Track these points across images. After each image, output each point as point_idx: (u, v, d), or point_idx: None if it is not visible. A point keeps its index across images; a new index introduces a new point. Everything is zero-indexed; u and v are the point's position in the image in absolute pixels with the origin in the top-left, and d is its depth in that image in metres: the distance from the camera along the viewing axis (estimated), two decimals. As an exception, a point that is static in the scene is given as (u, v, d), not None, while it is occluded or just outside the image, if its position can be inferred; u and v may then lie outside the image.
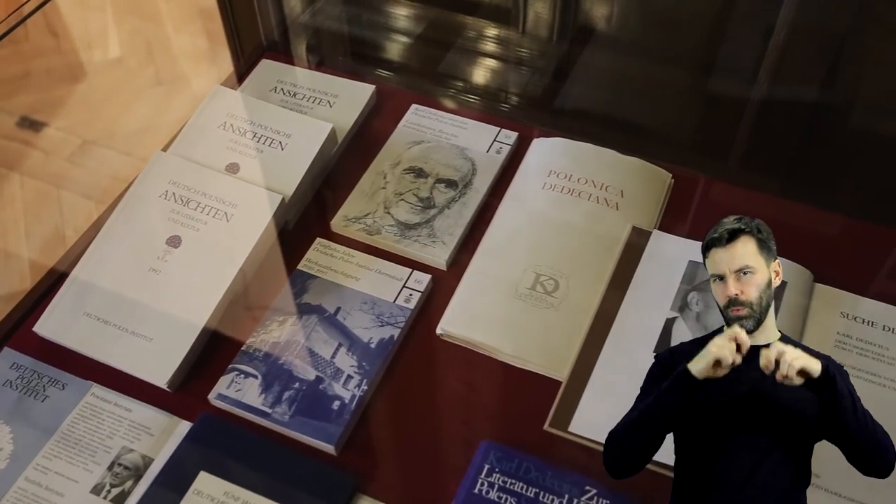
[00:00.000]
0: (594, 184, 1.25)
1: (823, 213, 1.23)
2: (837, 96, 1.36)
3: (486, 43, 1.50)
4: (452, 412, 1.05)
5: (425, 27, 1.51)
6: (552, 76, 1.43)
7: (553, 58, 1.44)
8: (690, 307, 1.10)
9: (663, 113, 1.40)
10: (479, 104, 1.39)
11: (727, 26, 1.43)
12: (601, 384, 1.04)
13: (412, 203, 1.25)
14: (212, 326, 1.10)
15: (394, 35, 1.52)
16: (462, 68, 1.48)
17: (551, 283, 1.14)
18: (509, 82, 1.45)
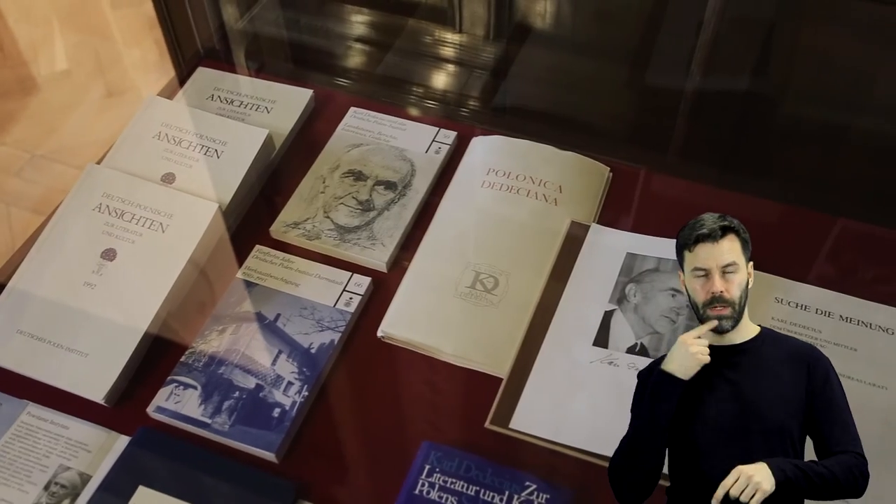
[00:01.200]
0: (533, 180, 1.26)
1: (759, 201, 1.25)
2: (769, 85, 1.38)
3: (424, 43, 1.50)
4: (394, 414, 1.05)
5: (363, 30, 1.51)
6: (490, 74, 1.43)
7: (490, 56, 1.45)
8: (628, 299, 1.11)
9: (601, 107, 1.41)
10: (418, 105, 1.39)
11: (661, 19, 1.45)
12: (541, 379, 1.04)
13: (351, 206, 1.24)
14: (149, 339, 1.09)
15: (332, 39, 1.52)
16: (400, 70, 1.48)
17: (491, 281, 1.15)
18: (448, 82, 1.45)
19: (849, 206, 1.24)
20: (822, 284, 1.13)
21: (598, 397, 1.02)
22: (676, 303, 1.09)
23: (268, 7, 1.54)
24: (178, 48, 1.58)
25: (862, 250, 1.18)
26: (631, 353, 1.05)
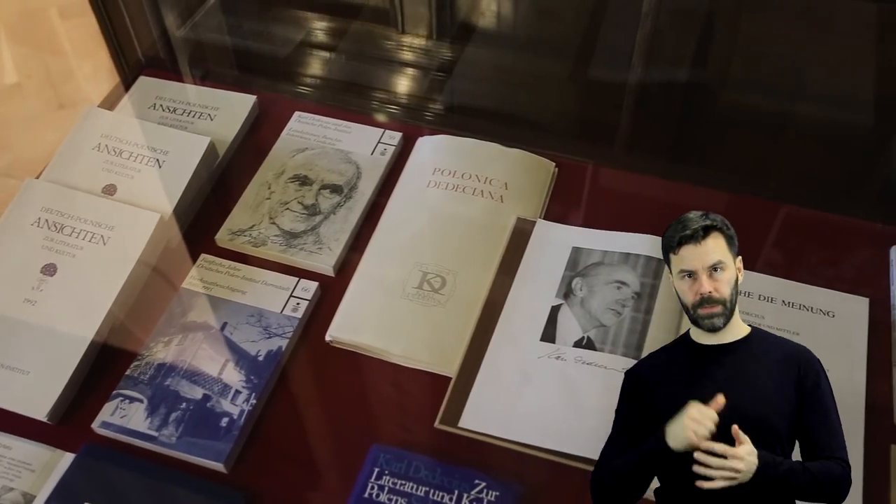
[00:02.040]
0: (479, 178, 1.26)
1: (703, 191, 1.26)
2: (710, 75, 1.40)
3: (367, 45, 1.49)
4: (344, 418, 1.04)
5: (306, 33, 1.50)
6: (434, 74, 1.43)
7: (434, 55, 1.45)
8: (575, 293, 1.11)
9: (546, 103, 1.41)
10: (363, 107, 1.38)
11: (602, 14, 1.46)
12: (489, 377, 1.04)
13: (297, 211, 1.23)
14: (93, 354, 1.08)
15: (276, 43, 1.51)
16: (344, 72, 1.47)
17: (438, 281, 1.14)
18: (392, 83, 1.45)
19: (791, 192, 1.26)
20: (765, 271, 1.15)
21: (547, 392, 1.02)
22: (622, 295, 1.09)
23: (210, 13, 1.52)
24: (122, 57, 1.56)
25: (804, 236, 1.19)
26: (578, 346, 1.05)
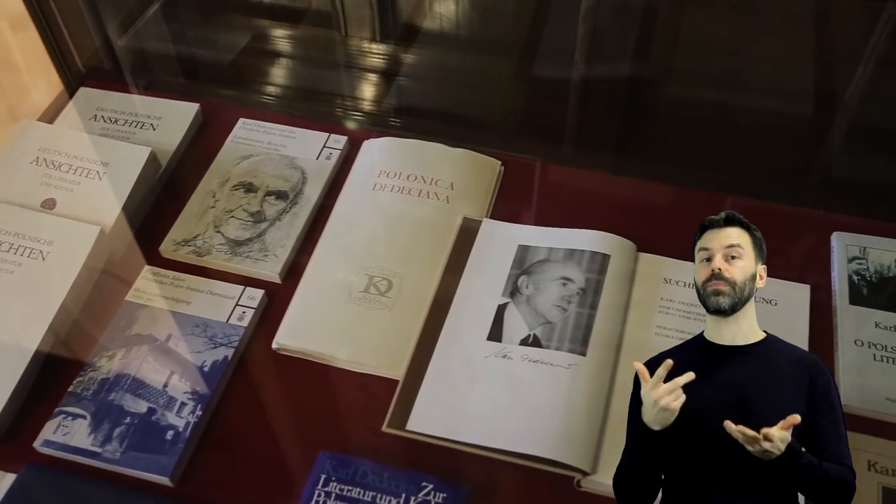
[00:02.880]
0: (424, 179, 1.25)
1: (648, 184, 1.27)
2: (653, 69, 1.40)
3: (311, 49, 1.48)
4: (292, 426, 1.03)
5: (250, 39, 1.49)
6: (379, 76, 1.43)
7: (379, 57, 1.44)
8: (521, 291, 1.11)
9: (492, 102, 1.41)
10: (308, 112, 1.37)
11: (545, 11, 1.46)
12: (437, 378, 1.04)
13: (242, 219, 1.22)
14: (34, 371, 1.06)
15: (219, 50, 1.49)
16: (289, 77, 1.46)
17: (385, 284, 1.14)
18: (337, 86, 1.44)
19: (736, 183, 1.27)
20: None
21: (494, 392, 1.02)
22: (567, 291, 1.10)
23: (151, 21, 1.50)
24: (65, 69, 1.54)
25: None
26: (524, 344, 1.06)
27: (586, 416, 0.98)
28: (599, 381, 1.02)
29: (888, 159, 1.30)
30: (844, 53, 1.35)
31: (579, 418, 0.98)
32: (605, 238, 1.15)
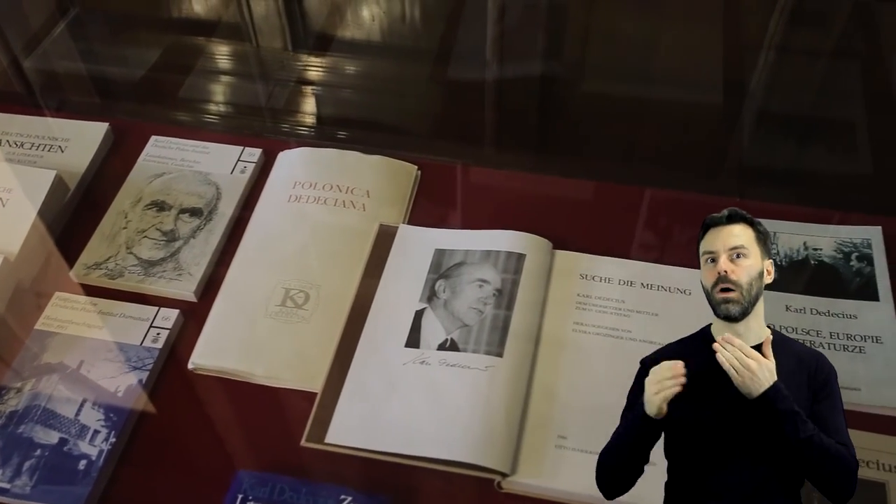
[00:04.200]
0: (340, 188, 1.24)
1: (566, 181, 1.27)
2: (566, 66, 1.41)
3: (223, 62, 1.46)
4: (210, 446, 1.01)
5: (160, 55, 1.46)
6: (294, 85, 1.41)
7: (291, 67, 1.43)
8: (438, 295, 1.11)
9: (408, 106, 1.41)
10: (222, 125, 1.35)
11: (458, 13, 1.46)
12: (355, 389, 1.03)
13: (155, 238, 1.20)
14: (-61, 408, 1.03)
15: (128, 67, 1.46)
16: (201, 91, 1.44)
17: (301, 296, 1.13)
18: (251, 98, 1.42)
19: (652, 175, 1.28)
20: (627, 255, 1.16)
21: (412, 399, 1.01)
22: (483, 293, 1.10)
23: (58, 41, 1.47)
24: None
25: (667, 218, 1.22)
26: (442, 349, 1.05)
27: (504, 417, 0.98)
28: (517, 381, 1.02)
29: (796, 144, 1.32)
30: (748, 42, 1.37)
31: (497, 420, 0.98)
32: (521, 237, 1.15)
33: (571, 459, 0.96)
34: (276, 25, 1.39)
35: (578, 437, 0.98)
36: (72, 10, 1.50)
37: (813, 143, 1.32)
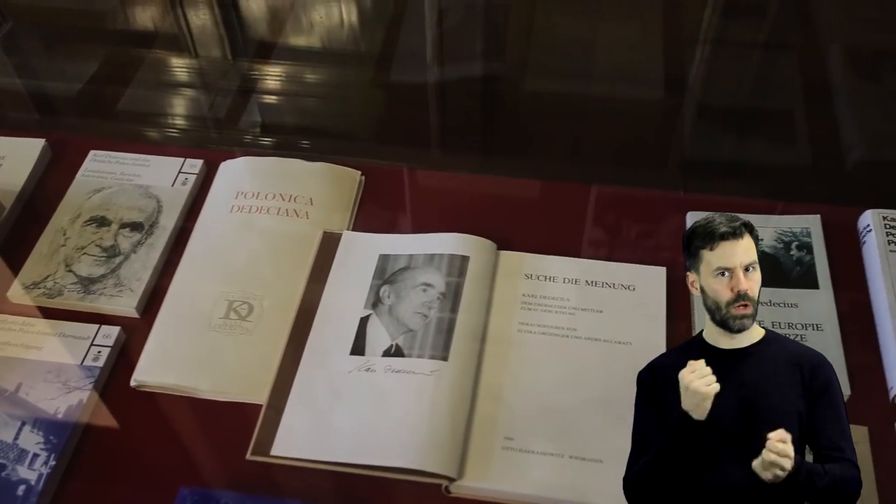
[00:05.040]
0: (283, 197, 1.23)
1: (512, 181, 1.27)
2: (509, 66, 1.41)
3: (162, 73, 1.44)
4: (154, 464, 1.00)
5: (98, 68, 1.44)
6: (234, 95, 1.40)
7: (232, 76, 1.41)
8: (383, 301, 1.10)
9: (352, 112, 1.40)
10: (162, 137, 1.34)
11: (401, 16, 1.45)
12: (301, 399, 1.02)
13: (95, 255, 1.18)
14: None
15: (65, 81, 1.44)
16: (140, 104, 1.42)
17: (245, 308, 1.11)
18: (191, 109, 1.40)
19: (598, 171, 1.29)
20: (573, 253, 1.16)
21: (358, 407, 1.01)
22: (428, 297, 1.09)
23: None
24: None
25: (613, 214, 1.22)
26: (387, 355, 1.04)
27: (450, 422, 0.98)
28: (462, 384, 1.01)
29: (736, 136, 1.33)
30: (686, 36, 1.39)
31: (443, 424, 0.97)
32: (464, 240, 1.15)
33: (518, 460, 0.96)
34: (214, 35, 1.38)
35: (525, 437, 0.98)
36: (5, 23, 1.47)
37: (752, 135, 1.33)
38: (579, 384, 1.02)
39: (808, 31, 1.39)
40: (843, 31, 1.39)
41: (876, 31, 1.39)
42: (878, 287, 1.09)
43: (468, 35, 1.40)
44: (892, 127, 1.29)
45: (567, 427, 0.98)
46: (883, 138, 1.28)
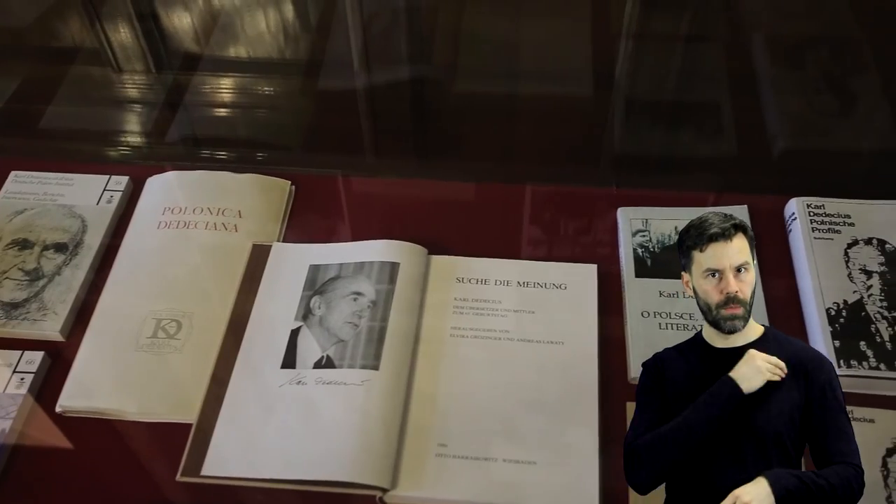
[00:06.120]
0: (211, 211, 1.21)
1: (444, 184, 1.27)
2: (437, 69, 1.41)
3: (85, 89, 1.41)
4: (81, 491, 0.97)
5: (17, 86, 1.40)
6: (161, 108, 1.37)
7: (157, 89, 1.39)
8: (313, 312, 1.09)
9: (282, 121, 1.38)
10: (86, 155, 1.31)
11: (328, 23, 1.44)
12: (232, 416, 1.00)
13: (17, 279, 1.15)
14: None
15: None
16: (63, 121, 1.38)
17: (173, 326, 1.09)
18: (116, 124, 1.37)
19: (532, 171, 1.29)
20: (506, 255, 1.16)
21: (289, 421, 0.99)
22: (358, 306, 1.08)
23: None
24: None
25: (543, 213, 1.22)
26: (318, 367, 1.03)
27: (382, 431, 0.97)
28: (394, 392, 1.00)
29: (664, 129, 1.34)
30: (613, 32, 1.39)
31: (375, 434, 0.96)
32: (394, 246, 1.14)
33: (452, 467, 0.95)
34: (135, 48, 1.35)
35: (459, 443, 0.97)
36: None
37: (681, 128, 1.34)
38: (512, 386, 1.02)
39: (733, 21, 1.41)
40: (766, 21, 1.41)
41: (799, 20, 1.41)
42: (803, 273, 1.10)
43: (395, 40, 1.39)
44: (815, 115, 1.30)
45: (500, 430, 0.98)
46: (807, 127, 1.30)
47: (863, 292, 1.07)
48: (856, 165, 1.28)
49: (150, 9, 1.39)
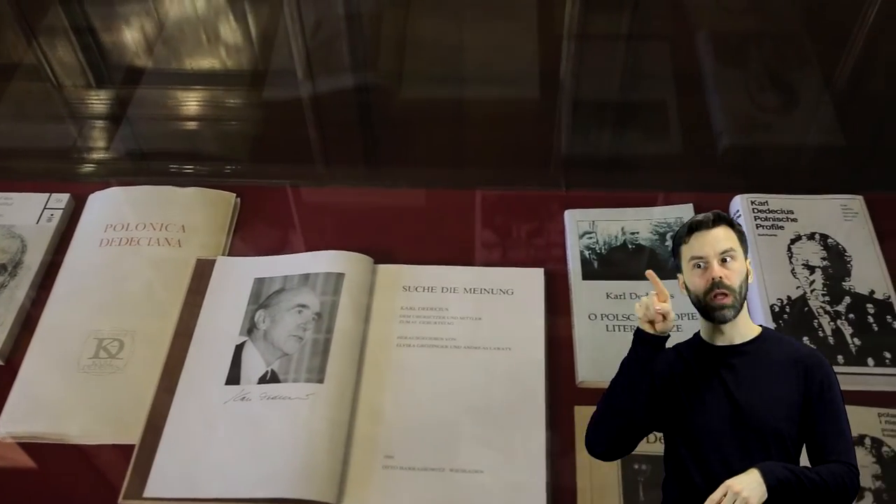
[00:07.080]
0: (154, 226, 1.19)
1: (393, 192, 1.26)
2: (383, 76, 1.40)
3: (25, 105, 1.38)
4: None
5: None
6: (103, 123, 1.35)
7: (98, 104, 1.36)
8: (258, 326, 1.07)
9: (226, 133, 1.36)
10: (25, 173, 1.28)
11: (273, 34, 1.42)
12: (175, 435, 0.99)
13: (-45, 303, 1.13)
14: None
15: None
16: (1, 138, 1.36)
17: (115, 346, 1.07)
18: (56, 141, 1.35)
19: (481, 176, 1.28)
20: (452, 261, 1.15)
21: (233, 439, 0.97)
22: (303, 318, 1.07)
23: None
24: None
25: (493, 218, 1.21)
26: (262, 382, 1.02)
27: (328, 445, 0.95)
28: (339, 405, 0.99)
29: (611, 130, 1.34)
30: (553, 32, 1.38)
31: (320, 449, 0.95)
32: (339, 257, 1.12)
33: (399, 478, 0.95)
34: (74, 64, 1.32)
35: (405, 454, 0.96)
36: None
37: (628, 127, 1.34)
38: (459, 394, 1.01)
39: (677, 19, 1.41)
40: (710, 19, 1.41)
41: (741, 17, 1.41)
42: (748, 270, 1.11)
43: (339, 48, 1.38)
44: (758, 112, 1.31)
45: (447, 440, 0.97)
46: (750, 123, 1.30)
47: (805, 287, 1.08)
48: (798, 160, 1.29)
49: (87, 23, 1.36)
